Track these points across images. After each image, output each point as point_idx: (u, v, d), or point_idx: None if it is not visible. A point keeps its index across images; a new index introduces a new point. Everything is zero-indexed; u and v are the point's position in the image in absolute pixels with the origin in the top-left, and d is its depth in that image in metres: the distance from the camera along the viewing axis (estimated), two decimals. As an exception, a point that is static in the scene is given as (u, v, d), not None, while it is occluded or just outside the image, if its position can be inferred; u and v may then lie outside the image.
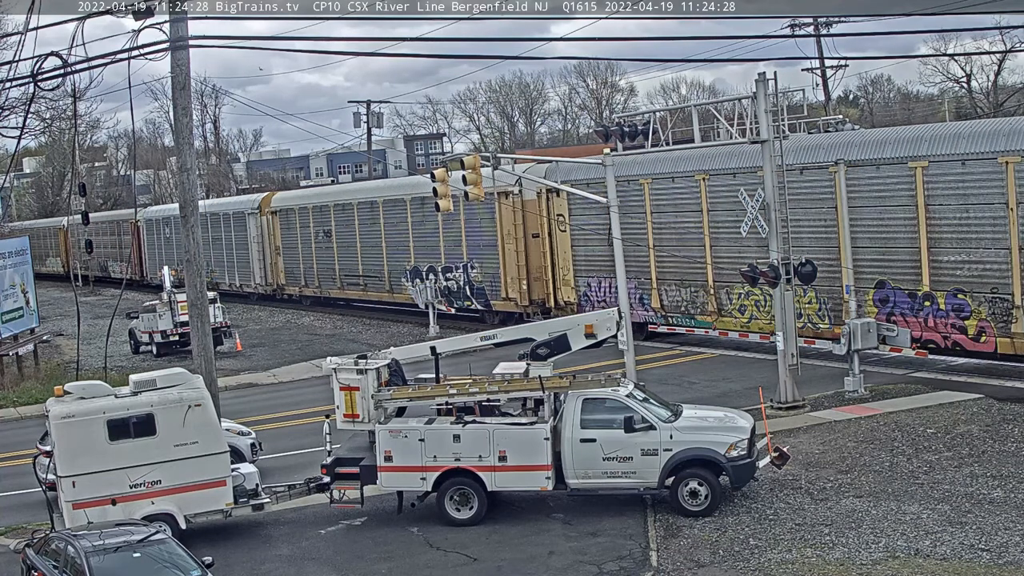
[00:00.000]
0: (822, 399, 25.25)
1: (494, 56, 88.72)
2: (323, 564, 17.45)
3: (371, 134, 71.71)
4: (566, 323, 21.54)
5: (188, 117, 21.93)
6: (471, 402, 18.92)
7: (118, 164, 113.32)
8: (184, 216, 21.94)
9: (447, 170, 27.40)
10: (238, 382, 34.57)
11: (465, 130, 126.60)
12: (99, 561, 14.41)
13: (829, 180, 27.78)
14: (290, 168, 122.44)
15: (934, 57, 69.45)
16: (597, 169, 27.78)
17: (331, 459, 19.35)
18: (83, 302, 32.14)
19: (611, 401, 18.52)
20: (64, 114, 42.52)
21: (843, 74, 73.94)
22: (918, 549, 15.77)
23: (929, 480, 18.84)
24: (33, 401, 31.56)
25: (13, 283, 37.05)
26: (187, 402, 18.29)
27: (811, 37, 55.63)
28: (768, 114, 24.10)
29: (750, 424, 18.94)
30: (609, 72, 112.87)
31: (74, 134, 48.36)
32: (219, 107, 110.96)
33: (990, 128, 25.90)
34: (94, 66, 21.88)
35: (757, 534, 16.95)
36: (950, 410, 23.22)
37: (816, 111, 49.39)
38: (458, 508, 18.57)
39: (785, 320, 24.59)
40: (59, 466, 17.87)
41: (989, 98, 71.59)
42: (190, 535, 17.66)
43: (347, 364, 19.42)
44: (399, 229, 45.30)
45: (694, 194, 31.83)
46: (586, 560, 16.51)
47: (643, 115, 28.67)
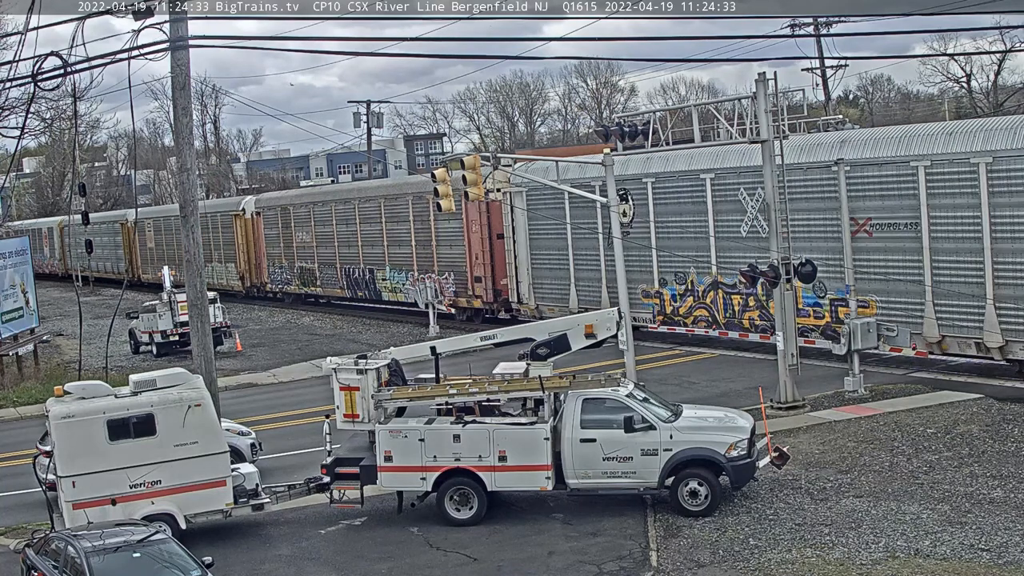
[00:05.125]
0: (822, 399, 25.25)
1: (491, 56, 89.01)
2: (323, 564, 17.45)
3: (371, 134, 71.72)
4: (566, 323, 21.55)
5: (188, 117, 21.93)
6: (471, 402, 18.92)
7: (118, 164, 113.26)
8: (184, 216, 21.96)
9: (447, 170, 27.41)
10: (238, 382, 34.57)
11: (465, 130, 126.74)
12: (99, 561, 14.40)
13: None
14: (290, 168, 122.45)
15: (934, 57, 69.51)
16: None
17: (331, 459, 19.35)
18: (83, 302, 32.11)
19: (611, 401, 18.52)
20: (64, 114, 42.48)
21: (843, 74, 74.07)
22: (918, 549, 15.77)
23: (929, 480, 18.84)
24: (33, 401, 31.55)
25: (13, 283, 37.05)
26: (187, 402, 18.28)
27: (811, 37, 55.67)
28: (768, 114, 24.10)
29: (750, 424, 18.94)
30: (609, 72, 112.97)
31: (74, 134, 48.26)
32: (219, 107, 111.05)
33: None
34: (94, 66, 21.89)
35: (757, 534, 16.95)
36: (950, 410, 23.22)
37: (816, 111, 49.39)
38: (458, 508, 18.57)
39: (785, 320, 24.58)
40: (59, 466, 17.86)
41: (989, 98, 71.60)
42: (190, 535, 17.65)
43: (347, 364, 19.43)
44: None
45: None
46: (586, 560, 16.51)
47: (643, 115, 28.67)
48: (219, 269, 60.30)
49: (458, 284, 41.99)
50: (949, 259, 25.54)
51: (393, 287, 46.59)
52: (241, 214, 58.27)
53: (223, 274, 60.17)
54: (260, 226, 56.93)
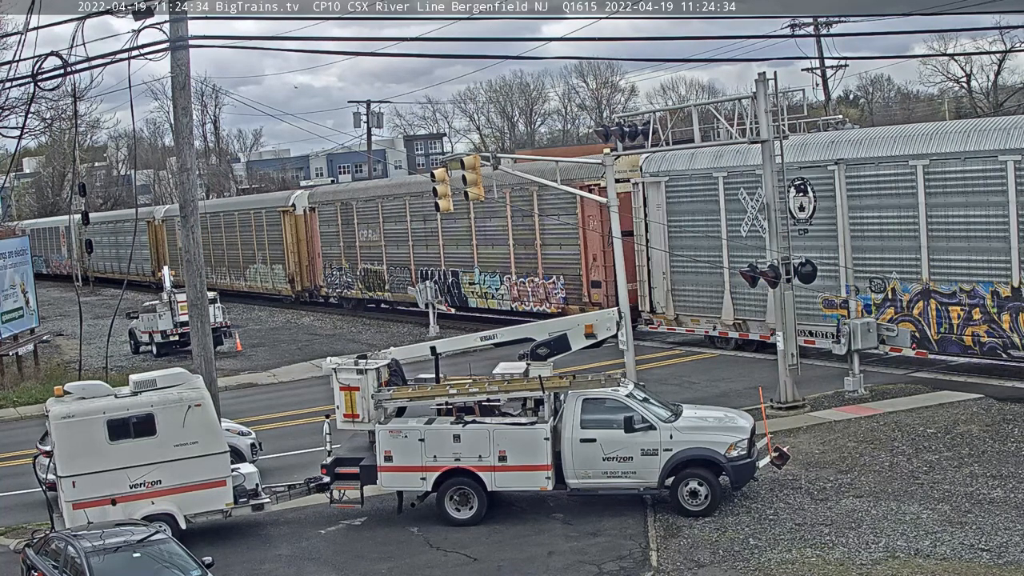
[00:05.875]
0: (822, 399, 25.25)
1: (491, 56, 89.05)
2: (323, 564, 17.45)
3: (371, 134, 71.73)
4: (566, 323, 21.57)
5: (188, 117, 21.94)
6: (471, 402, 18.92)
7: (118, 164, 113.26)
8: (184, 216, 21.97)
9: (447, 170, 27.40)
10: (238, 382, 34.57)
11: (465, 130, 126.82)
12: (99, 561, 14.40)
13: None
14: (290, 168, 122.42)
15: (934, 57, 69.52)
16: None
17: (331, 459, 19.35)
18: (83, 302, 32.12)
19: (611, 401, 18.52)
20: (64, 114, 42.52)
21: (843, 74, 74.06)
22: (918, 549, 15.77)
23: (929, 480, 18.84)
24: (33, 401, 31.56)
25: (13, 283, 37.06)
26: (187, 402, 18.28)
27: (811, 37, 55.66)
28: (768, 114, 24.10)
29: (750, 424, 18.94)
30: (609, 72, 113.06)
31: (74, 134, 48.32)
32: (219, 107, 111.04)
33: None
34: (94, 66, 21.91)
35: (757, 534, 16.95)
36: (950, 410, 23.22)
37: (816, 111, 49.38)
38: (458, 508, 18.57)
39: (785, 320, 24.58)
40: (59, 466, 17.86)
41: (989, 98, 71.62)
42: (190, 535, 17.65)
43: (347, 364, 19.43)
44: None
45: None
46: (586, 560, 16.51)
47: (643, 115, 28.65)
48: (262, 271, 55.33)
49: (569, 289, 36.87)
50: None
51: (484, 292, 40.76)
52: (291, 210, 52.88)
53: (268, 277, 54.92)
54: (315, 223, 51.24)
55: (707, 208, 31.66)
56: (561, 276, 37.11)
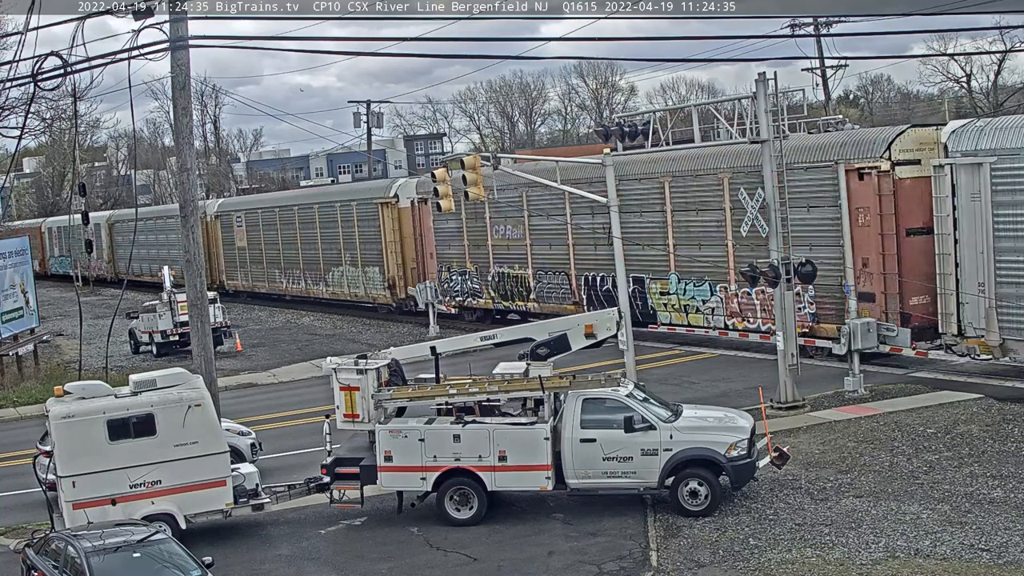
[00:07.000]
0: (822, 399, 25.25)
1: (491, 56, 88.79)
2: (323, 564, 17.45)
3: (371, 134, 71.73)
4: (566, 323, 21.56)
5: (188, 117, 21.93)
6: (471, 402, 18.92)
7: (118, 164, 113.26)
8: (184, 216, 21.96)
9: (447, 170, 27.39)
10: (238, 382, 34.57)
11: (465, 130, 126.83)
12: (99, 561, 14.41)
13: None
14: (290, 168, 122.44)
15: (934, 57, 69.54)
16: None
17: (331, 459, 19.35)
18: (83, 302, 32.12)
19: (611, 401, 18.52)
20: (64, 114, 42.53)
21: (843, 74, 74.03)
22: (918, 549, 15.77)
23: (929, 480, 18.84)
24: (33, 401, 31.54)
25: (13, 283, 37.05)
26: (187, 402, 18.28)
27: (811, 37, 55.66)
28: (768, 114, 24.11)
29: (750, 424, 18.94)
30: (609, 72, 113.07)
31: (74, 134, 48.33)
32: (219, 107, 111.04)
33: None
34: (94, 66, 21.89)
35: (757, 534, 16.94)
36: (950, 410, 23.22)
37: (816, 111, 49.38)
38: (458, 508, 18.57)
39: (785, 320, 24.58)
40: (59, 466, 17.86)
41: (989, 98, 71.62)
42: (190, 535, 17.65)
43: (347, 364, 19.43)
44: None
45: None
46: (586, 560, 16.51)
47: (643, 115, 28.66)
48: (353, 275, 47.37)
49: (821, 304, 28.71)
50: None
51: (683, 305, 32.55)
52: (392, 202, 44.57)
53: (359, 282, 46.94)
54: (426, 218, 42.99)
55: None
56: (810, 286, 27.76)
